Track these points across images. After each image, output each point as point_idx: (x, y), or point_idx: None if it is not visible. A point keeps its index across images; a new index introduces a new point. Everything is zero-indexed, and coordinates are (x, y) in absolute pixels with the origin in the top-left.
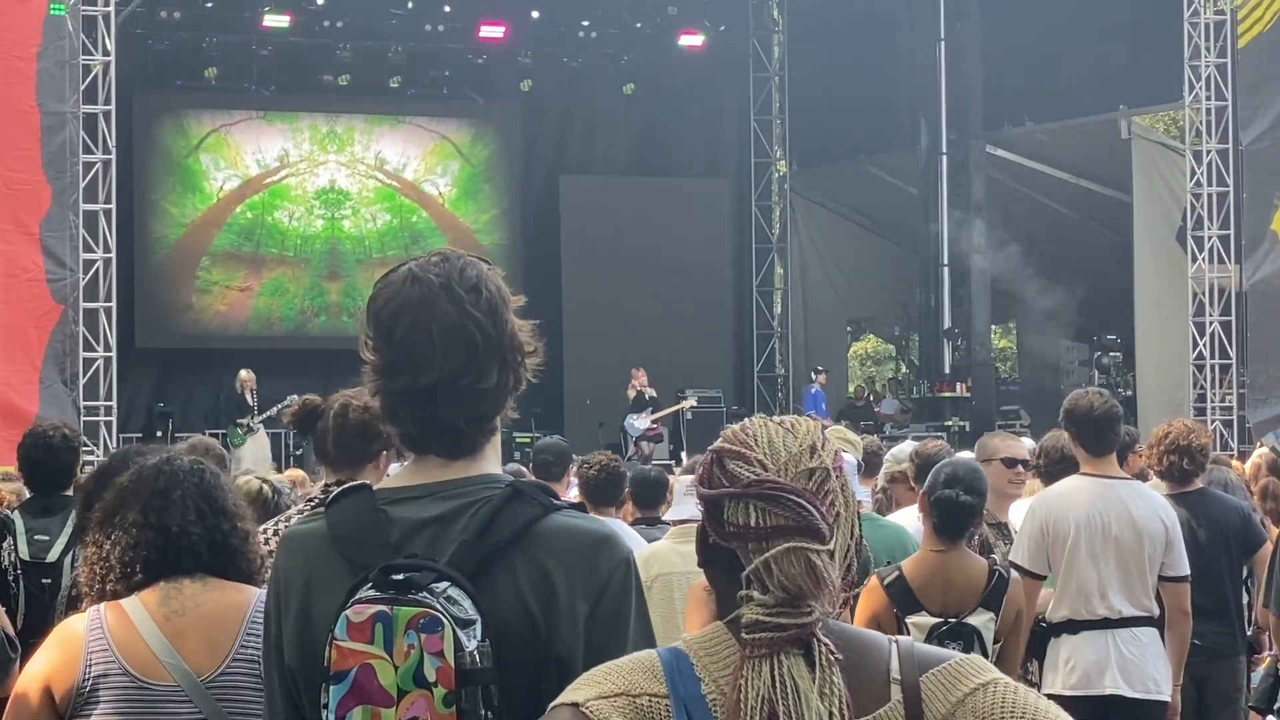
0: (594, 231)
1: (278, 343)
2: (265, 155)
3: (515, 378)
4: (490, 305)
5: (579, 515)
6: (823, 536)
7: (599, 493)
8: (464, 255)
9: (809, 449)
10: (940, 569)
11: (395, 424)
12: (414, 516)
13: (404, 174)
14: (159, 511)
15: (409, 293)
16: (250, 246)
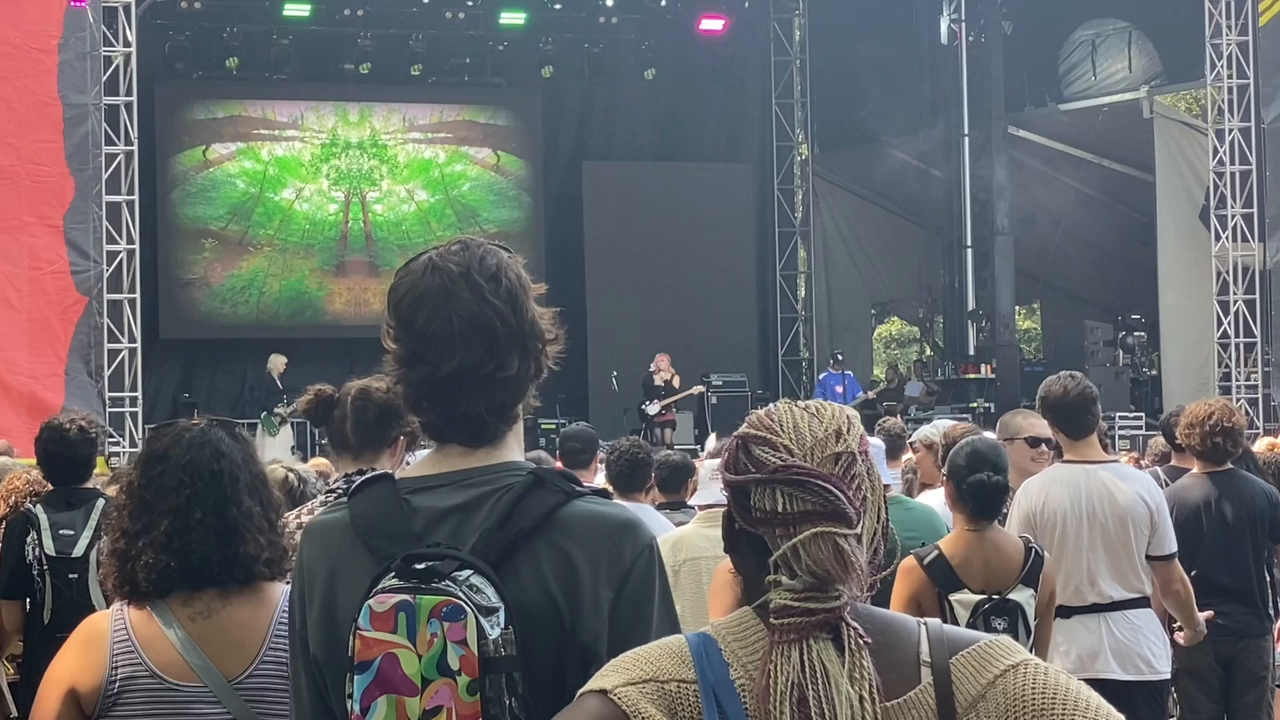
0: (617, 217)
1: (300, 330)
2: (288, 144)
3: (536, 366)
4: (510, 293)
5: (602, 501)
6: (850, 520)
7: (625, 479)
8: (484, 243)
9: (835, 433)
10: (979, 547)
11: (417, 413)
12: (436, 505)
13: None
14: (180, 534)
15: (429, 282)
16: (279, 235)
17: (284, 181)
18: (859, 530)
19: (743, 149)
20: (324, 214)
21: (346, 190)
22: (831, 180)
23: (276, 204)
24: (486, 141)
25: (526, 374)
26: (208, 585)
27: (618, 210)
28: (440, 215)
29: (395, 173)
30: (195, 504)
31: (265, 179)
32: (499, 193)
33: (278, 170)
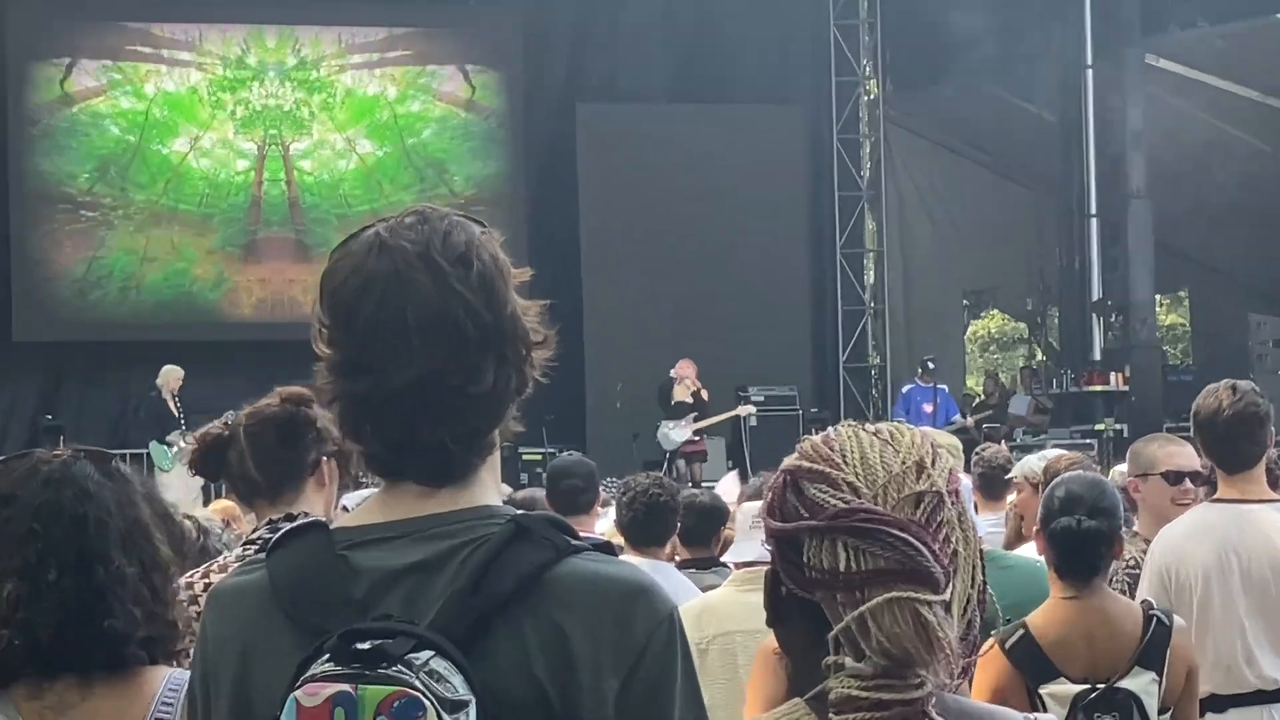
0: (622, 179)
1: (202, 331)
2: (181, 74)
3: (519, 377)
4: (484, 280)
5: (605, 559)
6: (936, 582)
7: (643, 528)
8: (449, 214)
9: (915, 466)
10: (1078, 620)
11: (358, 439)
12: (385, 564)
13: (386, 84)
14: (29, 602)
15: (375, 265)
16: (167, 201)
17: (173, 127)
18: (947, 595)
19: (790, 87)
20: (229, 173)
21: (261, 139)
22: (909, 128)
23: (163, 158)
24: (451, 75)
25: (505, 388)
26: (63, 671)
27: (623, 169)
28: (392, 173)
29: (330, 115)
30: (49, 561)
31: (148, 123)
32: (470, 140)
33: (166, 112)
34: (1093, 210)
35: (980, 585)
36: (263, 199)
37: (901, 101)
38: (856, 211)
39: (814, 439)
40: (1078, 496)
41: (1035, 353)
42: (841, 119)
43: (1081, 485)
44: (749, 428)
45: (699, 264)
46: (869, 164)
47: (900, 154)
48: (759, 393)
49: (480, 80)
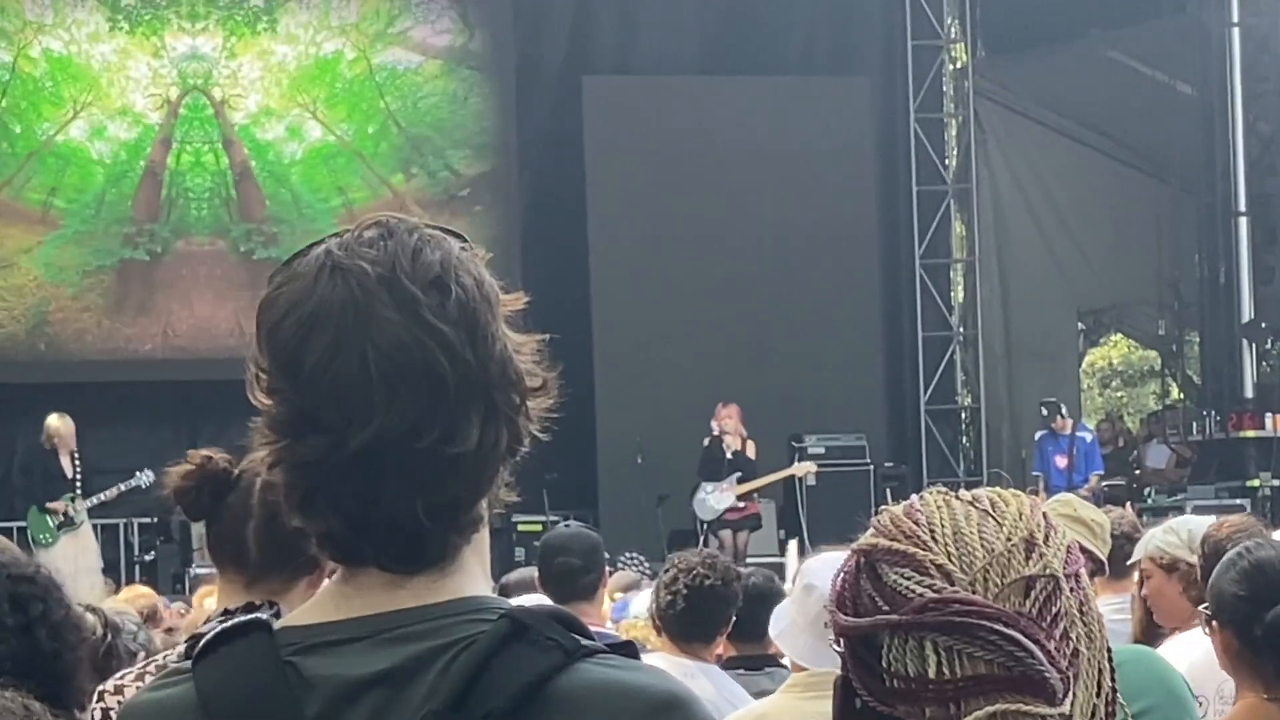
0: (640, 173)
1: (99, 370)
2: (70, 34)
3: (511, 433)
4: (465, 311)
5: (625, 663)
6: (1051, 692)
7: (689, 622)
8: (418, 226)
9: (1024, 544)
10: None
11: (308, 515)
12: (344, 674)
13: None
14: None
15: (326, 294)
16: (31, 194)
17: (59, 98)
18: (1066, 707)
19: (854, 53)
20: (134, 160)
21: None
22: (1006, 104)
23: (45, 140)
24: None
25: (493, 447)
26: None
27: (641, 160)
28: (353, 163)
29: (268, 83)
30: None
31: (26, 91)
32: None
33: (51, 79)
34: (1241, 207)
35: (1109, 693)
36: (174, 196)
37: (997, 70)
38: (941, 211)
39: (894, 510)
40: (1278, 570)
41: (1170, 389)
42: (920, 93)
43: (1277, 556)
44: (806, 487)
45: (739, 280)
46: (956, 150)
47: (995, 137)
48: (819, 443)
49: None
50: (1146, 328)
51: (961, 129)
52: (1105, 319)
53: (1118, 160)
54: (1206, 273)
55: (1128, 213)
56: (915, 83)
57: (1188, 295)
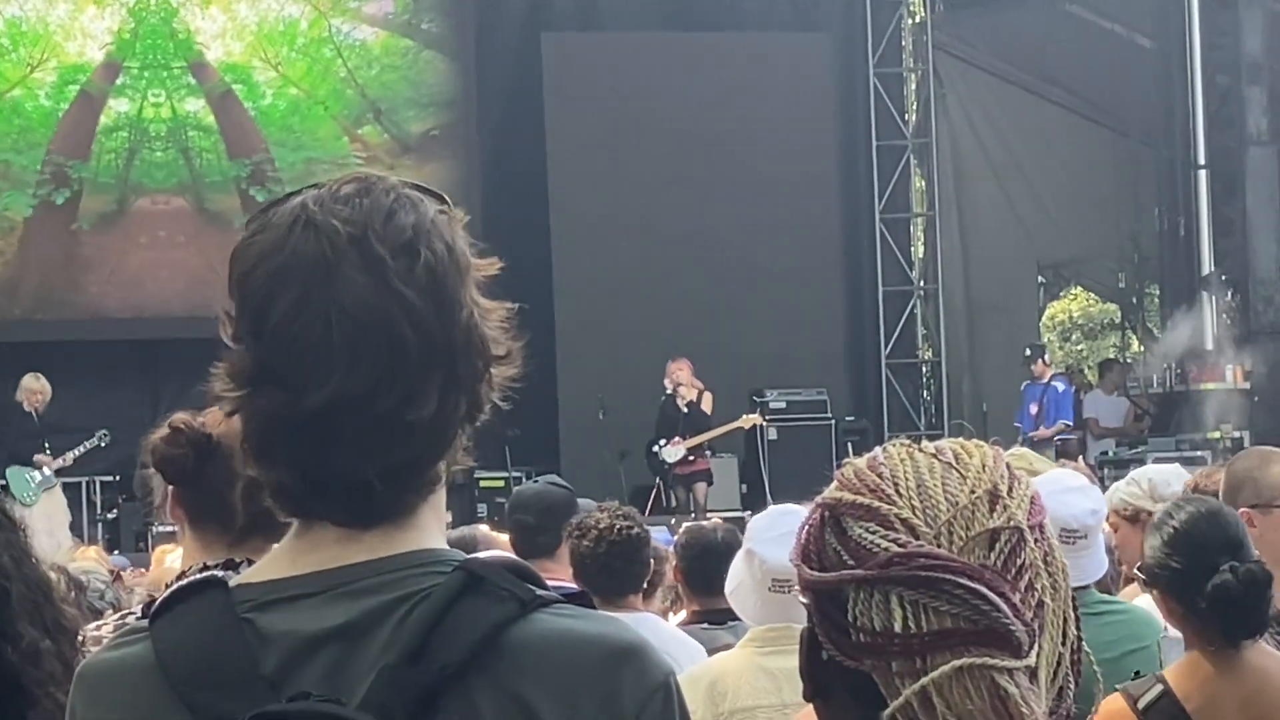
0: (600, 130)
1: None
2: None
3: (471, 400)
4: (433, 276)
5: (581, 612)
6: (1017, 644)
7: (606, 574)
8: (398, 186)
9: (988, 496)
10: (1233, 680)
11: (263, 466)
12: (300, 629)
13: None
14: None
15: (299, 247)
16: None
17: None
18: (1032, 660)
19: (813, 8)
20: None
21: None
22: (966, 58)
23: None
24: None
25: (452, 414)
26: None
27: (601, 117)
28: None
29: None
30: None
31: None
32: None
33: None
34: (1201, 160)
35: (1074, 643)
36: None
37: (956, 24)
38: (900, 165)
39: (857, 464)
40: (1206, 537)
41: (1130, 342)
42: (880, 48)
43: (1209, 522)
44: (768, 442)
45: (700, 235)
46: (915, 105)
47: (955, 92)
48: (780, 397)
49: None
50: (1106, 281)
51: (921, 83)
52: (1065, 272)
53: (1077, 114)
54: (1166, 226)
55: (1087, 166)
56: (874, 38)
57: (1147, 248)
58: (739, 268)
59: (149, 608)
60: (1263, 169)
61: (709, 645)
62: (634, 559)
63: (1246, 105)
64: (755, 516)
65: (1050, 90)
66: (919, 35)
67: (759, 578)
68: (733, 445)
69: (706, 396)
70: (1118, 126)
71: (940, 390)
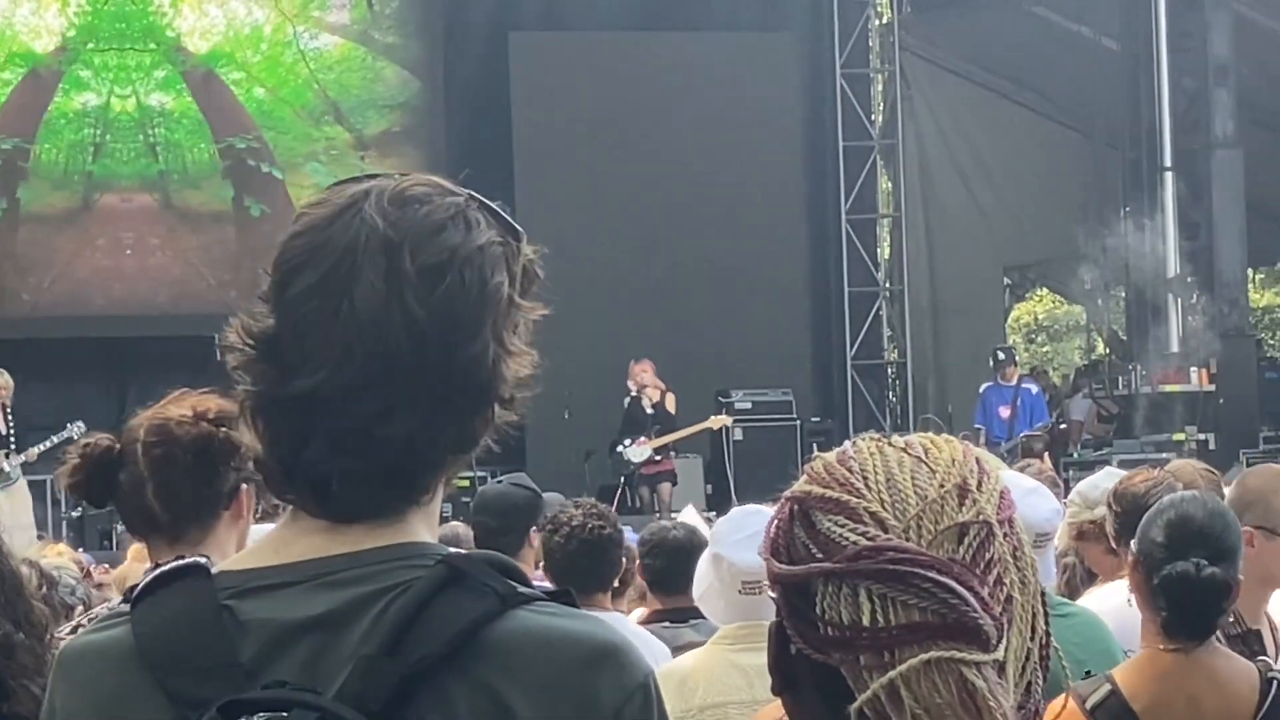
0: (568, 129)
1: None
2: None
3: (461, 433)
4: (452, 303)
5: (562, 610)
6: (985, 638)
7: (578, 572)
8: (463, 204)
9: (957, 490)
10: (1180, 680)
11: (250, 433)
12: (280, 618)
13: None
14: None
15: (337, 233)
16: None
17: None
18: (1000, 654)
19: (781, 9)
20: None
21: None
22: (932, 60)
23: None
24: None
25: (434, 439)
26: None
27: (569, 117)
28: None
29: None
30: None
31: None
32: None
33: None
34: (1167, 162)
35: (1043, 638)
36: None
37: (923, 26)
38: (867, 166)
39: (827, 458)
40: (1199, 531)
41: (1095, 344)
42: (847, 49)
43: (1204, 515)
44: (733, 442)
45: (667, 235)
46: (882, 106)
47: (922, 93)
48: (745, 398)
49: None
50: (1072, 283)
51: (888, 85)
52: (1031, 274)
53: (1043, 115)
54: (1132, 228)
55: (1053, 168)
56: (841, 39)
57: (1113, 250)
58: (705, 268)
59: (130, 593)
60: (1229, 171)
61: (672, 644)
62: (602, 558)
63: (1213, 108)
64: (719, 520)
65: (1017, 92)
66: (886, 36)
67: (728, 581)
68: (698, 446)
69: (670, 397)
70: (1084, 128)
71: (905, 391)
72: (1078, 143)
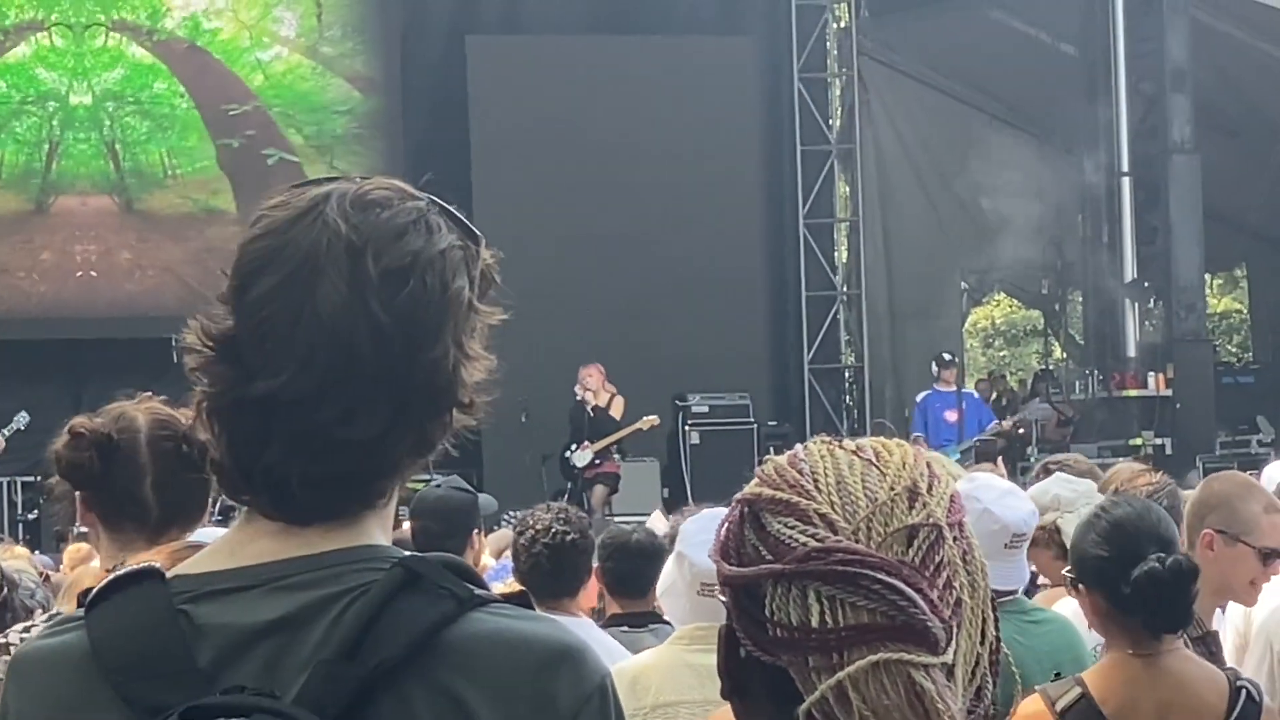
0: (525, 133)
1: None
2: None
3: (420, 436)
4: (415, 307)
5: (520, 613)
6: (933, 641)
7: (548, 576)
8: (425, 208)
9: (907, 493)
10: (1150, 684)
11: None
12: (237, 622)
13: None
14: None
15: (299, 236)
16: None
17: None
18: (949, 656)
19: (738, 12)
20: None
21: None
22: (890, 64)
23: None
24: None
25: (394, 443)
26: None
27: (526, 121)
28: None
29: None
30: None
31: None
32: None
33: None
34: (1124, 167)
35: (993, 642)
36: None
37: (881, 30)
38: (825, 171)
39: (778, 460)
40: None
41: (1053, 349)
42: (804, 53)
43: (1135, 514)
44: (690, 446)
45: (624, 239)
46: (840, 110)
47: (880, 97)
48: (703, 402)
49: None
50: (1029, 287)
51: (845, 89)
52: (988, 278)
53: (1001, 120)
54: (1089, 232)
55: (1011, 173)
56: (799, 42)
57: (1070, 255)
58: (662, 272)
59: (84, 597)
60: (1186, 177)
61: (634, 647)
62: (564, 564)
63: (1170, 113)
64: (688, 519)
65: (975, 97)
66: (844, 40)
67: (689, 580)
68: (655, 449)
69: (617, 401)
70: (1041, 133)
71: (863, 395)
72: (1035, 147)
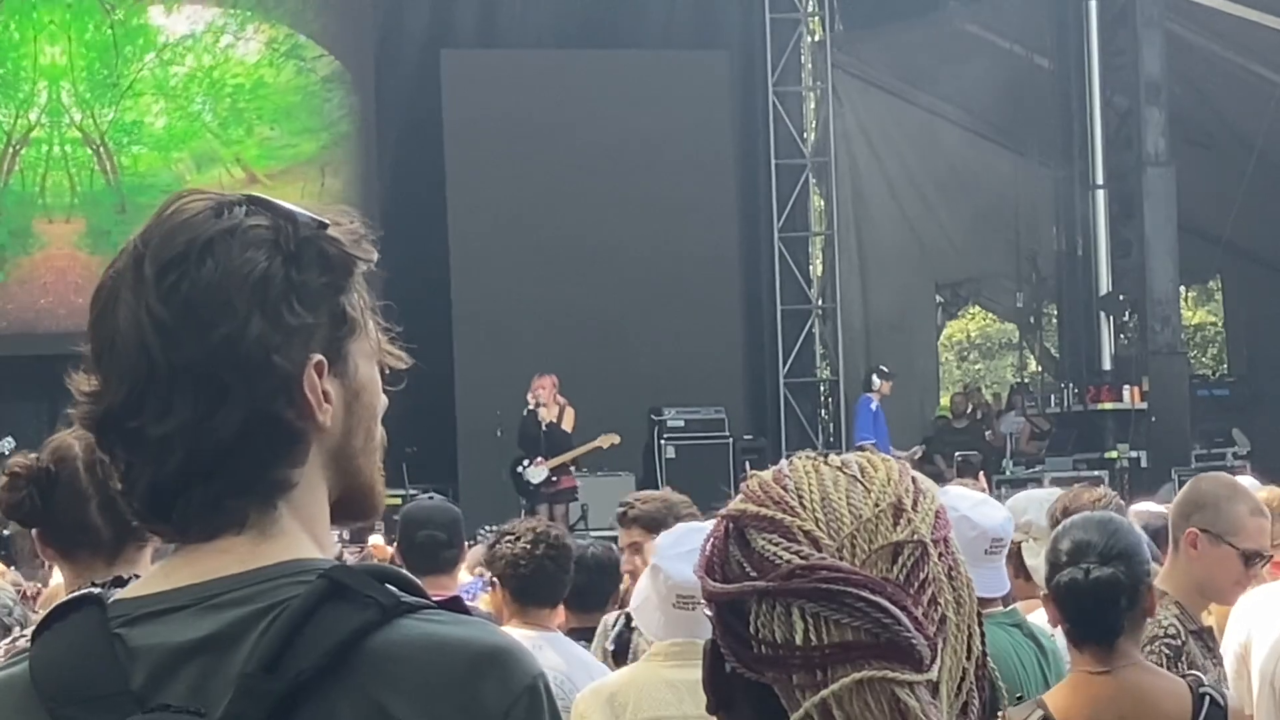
0: (500, 147)
1: None
2: None
3: (261, 418)
4: (195, 293)
5: (447, 617)
6: (918, 658)
7: (536, 585)
8: (209, 202)
9: (892, 509)
10: (1111, 701)
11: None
12: (169, 641)
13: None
14: None
15: (117, 264)
16: None
17: None
18: (934, 674)
19: (713, 27)
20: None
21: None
22: (864, 78)
23: None
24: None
25: (221, 427)
26: None
27: (501, 135)
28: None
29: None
30: None
31: None
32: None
33: None
34: (1099, 180)
35: (979, 658)
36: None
37: (855, 44)
38: (799, 184)
39: (763, 476)
40: (1083, 542)
41: (1028, 362)
42: (779, 67)
43: (1088, 528)
44: (665, 460)
45: (599, 253)
46: (814, 124)
47: (854, 110)
48: (678, 416)
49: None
50: (1004, 300)
51: (820, 103)
52: (963, 291)
53: (975, 133)
54: (1064, 245)
55: (985, 186)
56: (774, 56)
57: (1045, 268)
58: (637, 286)
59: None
60: (1160, 189)
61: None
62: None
63: (1144, 126)
64: (663, 534)
65: (949, 110)
66: (818, 54)
67: (664, 594)
68: (629, 463)
69: (568, 413)
70: (1016, 146)
71: (838, 409)
72: (1010, 160)
